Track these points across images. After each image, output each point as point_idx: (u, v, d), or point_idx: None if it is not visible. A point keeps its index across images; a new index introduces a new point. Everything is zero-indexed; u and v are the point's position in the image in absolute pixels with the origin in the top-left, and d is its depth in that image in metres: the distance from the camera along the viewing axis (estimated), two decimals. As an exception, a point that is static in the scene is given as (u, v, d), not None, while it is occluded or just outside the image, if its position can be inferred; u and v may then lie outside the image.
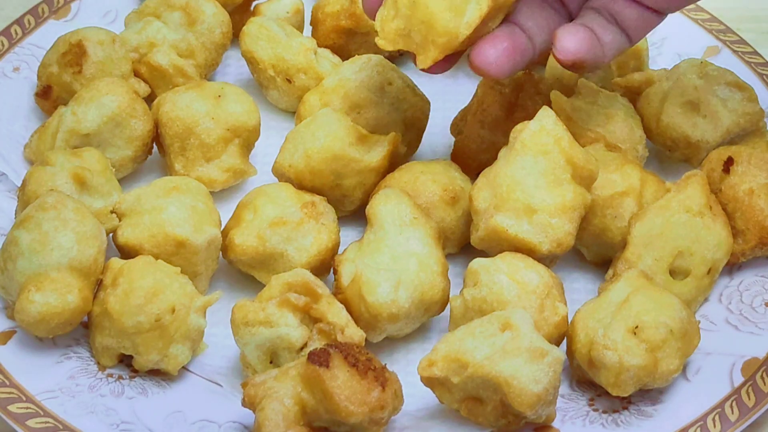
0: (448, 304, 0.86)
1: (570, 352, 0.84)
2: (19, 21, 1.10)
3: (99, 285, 0.85)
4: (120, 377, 0.84)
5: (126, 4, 1.14)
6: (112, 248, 0.90)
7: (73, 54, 1.00)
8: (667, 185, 0.91)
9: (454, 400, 0.80)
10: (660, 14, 0.81)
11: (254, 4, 1.13)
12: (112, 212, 0.91)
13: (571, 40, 0.79)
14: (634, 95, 1.00)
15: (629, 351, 0.79)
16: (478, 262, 0.85)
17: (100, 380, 0.84)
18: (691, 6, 1.13)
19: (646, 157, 0.97)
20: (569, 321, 0.84)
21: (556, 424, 0.81)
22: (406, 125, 0.99)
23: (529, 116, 0.88)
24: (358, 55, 1.02)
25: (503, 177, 0.86)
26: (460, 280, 0.87)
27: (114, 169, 0.95)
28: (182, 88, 0.98)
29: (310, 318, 0.83)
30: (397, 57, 1.10)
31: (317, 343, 0.82)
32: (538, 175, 0.85)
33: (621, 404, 0.83)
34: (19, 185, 0.95)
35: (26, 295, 0.82)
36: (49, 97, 1.02)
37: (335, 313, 0.83)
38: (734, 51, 1.07)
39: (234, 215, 0.92)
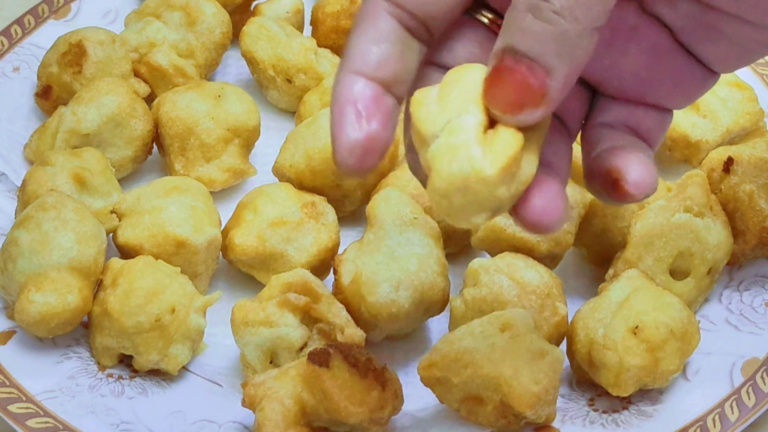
0: (448, 304, 0.86)
1: (570, 352, 0.84)
2: (19, 21, 1.10)
3: (99, 285, 0.85)
4: (120, 377, 0.84)
5: (126, 4, 1.14)
6: (112, 248, 0.90)
7: (73, 54, 1.00)
8: (667, 185, 0.90)
9: (454, 400, 0.80)
10: (671, 112, 0.69)
11: (254, 4, 1.13)
12: (112, 212, 0.91)
13: (638, 171, 0.62)
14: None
15: (629, 351, 0.79)
16: (478, 262, 0.85)
17: (100, 380, 0.84)
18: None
19: (646, 157, 0.97)
20: (569, 321, 0.84)
21: (556, 424, 0.81)
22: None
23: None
24: (358, 55, 1.02)
25: (501, 176, 0.86)
26: (460, 280, 0.87)
27: (114, 169, 0.95)
28: (182, 88, 0.98)
29: (310, 318, 0.83)
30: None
31: (317, 343, 0.82)
32: None
33: (621, 404, 0.83)
34: (19, 185, 0.95)
35: (26, 295, 0.82)
36: (49, 97, 1.02)
37: (335, 313, 0.83)
38: (734, 51, 1.07)
39: (234, 215, 0.92)
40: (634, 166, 0.61)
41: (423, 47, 0.62)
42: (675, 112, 0.98)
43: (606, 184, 0.62)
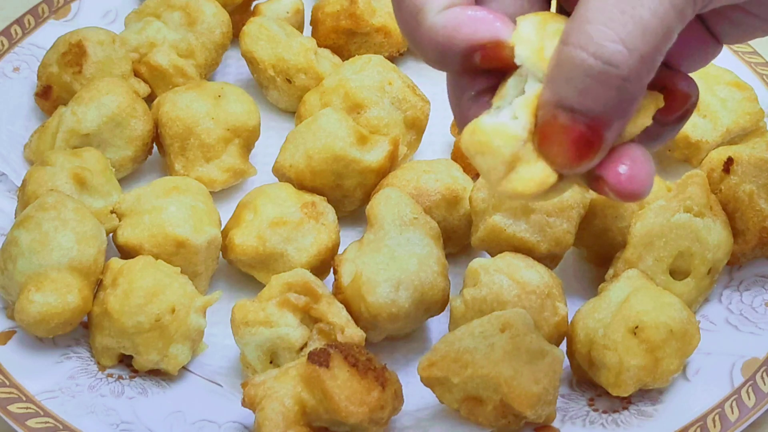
0: (448, 304, 0.86)
1: (570, 352, 0.84)
2: (19, 21, 1.10)
3: (99, 285, 0.85)
4: (120, 377, 0.84)
5: (126, 4, 1.14)
6: (112, 248, 0.90)
7: (73, 54, 1.00)
8: (668, 185, 0.91)
9: (454, 400, 0.80)
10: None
11: (254, 4, 1.13)
12: (112, 212, 0.91)
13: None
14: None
15: (629, 351, 0.79)
16: (478, 262, 0.85)
17: (100, 380, 0.84)
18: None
19: (646, 157, 0.97)
20: (569, 321, 0.84)
21: (556, 424, 0.81)
22: (406, 125, 0.99)
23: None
24: (358, 55, 1.02)
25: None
26: (460, 280, 0.87)
27: (114, 169, 0.95)
28: (182, 88, 0.98)
29: (310, 318, 0.83)
30: (397, 57, 1.10)
31: (317, 343, 0.82)
32: None
33: (621, 404, 0.83)
34: (19, 185, 0.95)
35: (26, 295, 0.82)
36: (49, 97, 1.02)
37: (335, 313, 0.83)
38: (734, 51, 1.07)
39: (234, 215, 0.92)
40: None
41: None
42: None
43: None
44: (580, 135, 0.56)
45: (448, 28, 0.60)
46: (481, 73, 0.62)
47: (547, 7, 0.66)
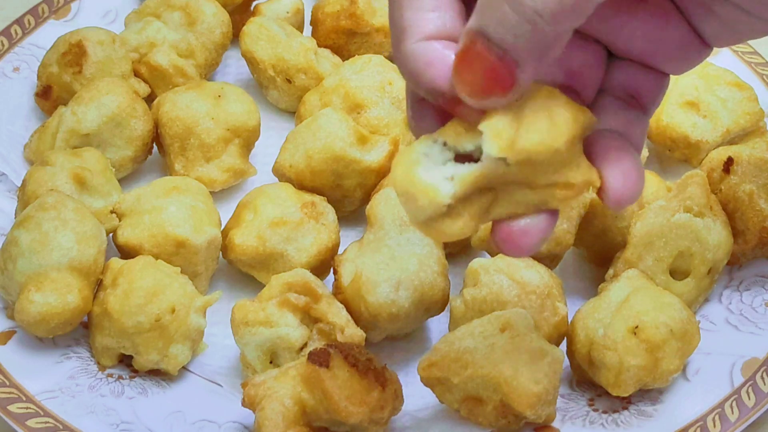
0: (448, 304, 0.86)
1: (570, 352, 0.84)
2: (19, 21, 1.10)
3: (99, 285, 0.85)
4: (120, 377, 0.84)
5: (126, 4, 1.14)
6: (112, 248, 0.90)
7: (73, 54, 1.00)
8: (667, 185, 0.91)
9: (454, 400, 0.80)
10: (668, 77, 0.70)
11: (254, 4, 1.13)
12: (112, 212, 0.91)
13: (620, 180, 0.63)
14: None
15: (629, 351, 0.79)
16: (478, 262, 0.85)
17: (100, 380, 0.84)
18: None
19: (646, 157, 0.97)
20: (569, 321, 0.84)
21: (556, 424, 0.81)
22: (406, 125, 0.99)
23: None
24: (358, 55, 1.02)
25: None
26: (460, 280, 0.87)
27: (114, 169, 0.95)
28: (182, 88, 0.98)
29: (310, 318, 0.83)
30: (397, 57, 1.10)
31: (317, 343, 0.82)
32: None
33: (621, 404, 0.83)
34: (19, 185, 0.95)
35: (26, 295, 0.82)
36: (49, 97, 1.02)
37: (335, 313, 0.83)
38: (734, 51, 1.07)
39: (234, 215, 0.92)
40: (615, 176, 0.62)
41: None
42: (675, 112, 0.98)
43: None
44: (492, 65, 0.56)
45: (419, 63, 0.59)
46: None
47: None
